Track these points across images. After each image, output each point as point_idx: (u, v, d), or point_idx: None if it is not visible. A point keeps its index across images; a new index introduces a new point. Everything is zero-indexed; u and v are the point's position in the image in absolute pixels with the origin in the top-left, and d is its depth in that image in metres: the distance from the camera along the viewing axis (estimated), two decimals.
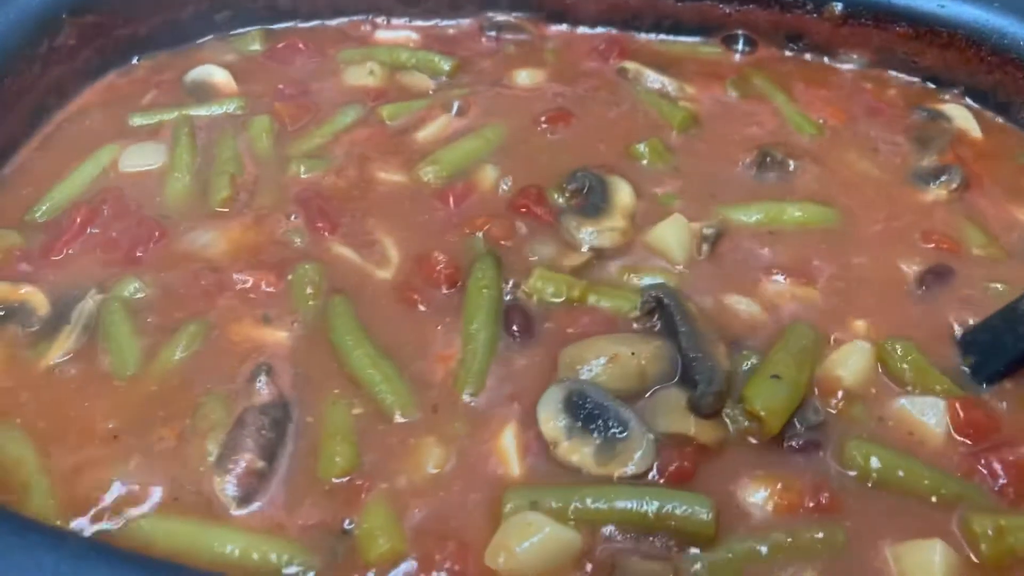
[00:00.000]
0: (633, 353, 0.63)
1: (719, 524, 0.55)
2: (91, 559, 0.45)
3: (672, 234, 0.76)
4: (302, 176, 0.82)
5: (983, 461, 0.59)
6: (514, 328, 0.67)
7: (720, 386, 0.60)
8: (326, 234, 0.76)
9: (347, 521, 0.55)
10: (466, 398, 0.63)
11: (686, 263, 0.75)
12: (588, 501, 0.55)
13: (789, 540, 0.55)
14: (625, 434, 0.58)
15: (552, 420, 0.59)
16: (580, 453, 0.58)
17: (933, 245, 0.77)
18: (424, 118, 0.90)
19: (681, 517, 0.54)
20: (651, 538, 0.54)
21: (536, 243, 0.76)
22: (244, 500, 0.56)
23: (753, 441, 0.60)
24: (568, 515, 0.55)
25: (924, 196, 0.83)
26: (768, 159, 0.85)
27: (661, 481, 0.58)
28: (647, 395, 0.62)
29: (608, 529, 0.55)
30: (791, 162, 0.85)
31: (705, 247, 0.76)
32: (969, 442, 0.61)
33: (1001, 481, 0.57)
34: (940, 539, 0.54)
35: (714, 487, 0.57)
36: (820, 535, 0.55)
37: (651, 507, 0.54)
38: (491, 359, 0.65)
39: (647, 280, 0.72)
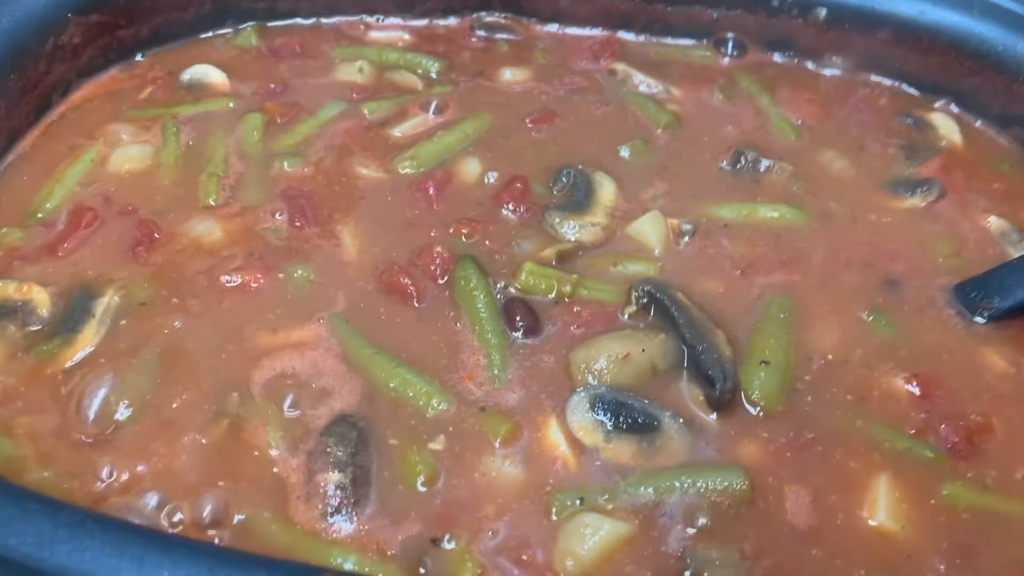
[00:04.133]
0: (643, 350, 0.66)
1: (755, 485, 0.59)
2: (88, 526, 0.47)
3: (651, 229, 0.79)
4: (286, 170, 0.84)
5: (936, 425, 0.65)
6: (518, 323, 0.69)
7: (734, 380, 0.64)
8: (307, 229, 0.78)
9: (447, 537, 0.56)
10: (504, 403, 0.64)
11: (664, 256, 0.77)
12: (632, 490, 0.59)
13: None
14: (659, 426, 0.62)
15: (587, 429, 0.62)
16: (626, 453, 0.61)
17: (899, 254, 0.79)
18: (404, 114, 0.93)
19: (720, 490, 0.59)
20: (700, 516, 0.58)
21: (520, 237, 0.78)
22: (337, 513, 0.57)
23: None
24: (616, 506, 0.58)
25: (899, 204, 0.85)
26: (743, 158, 0.88)
27: None
28: (661, 387, 0.66)
29: (660, 514, 0.58)
30: (764, 161, 0.88)
31: (684, 241, 0.79)
32: (927, 409, 0.66)
33: (952, 440, 0.64)
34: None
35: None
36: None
37: (691, 485, 0.59)
38: (509, 359, 0.67)
39: (630, 269, 0.75)
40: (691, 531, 0.57)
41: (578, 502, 0.58)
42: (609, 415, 0.62)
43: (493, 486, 0.59)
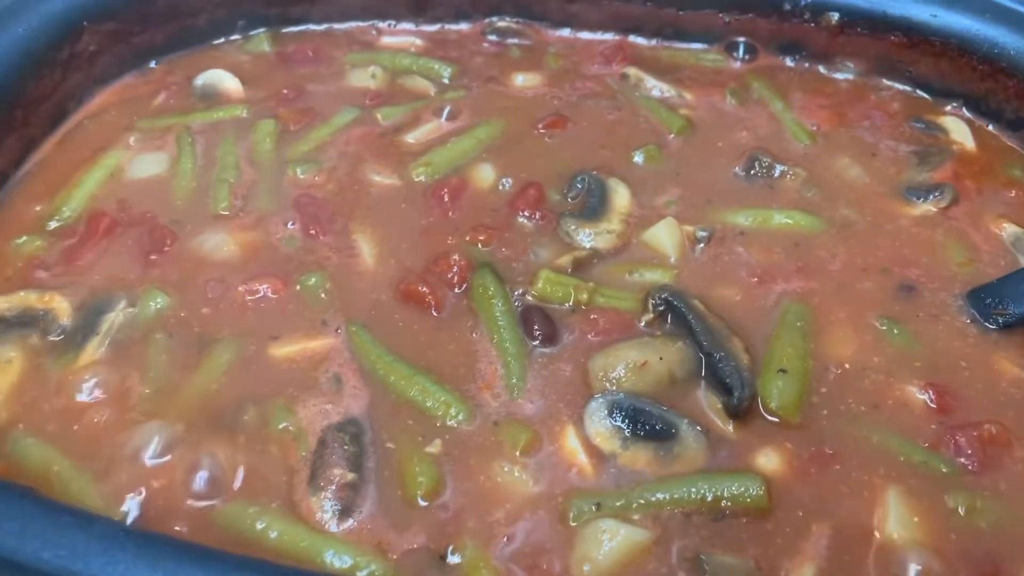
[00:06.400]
0: (661, 358, 0.66)
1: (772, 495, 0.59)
2: (120, 539, 0.47)
3: (666, 236, 0.79)
4: (300, 177, 0.85)
5: (950, 436, 0.64)
6: (536, 331, 0.69)
7: (752, 389, 0.64)
8: (321, 238, 0.78)
9: (450, 549, 0.56)
10: (522, 411, 0.64)
11: (680, 263, 0.78)
12: (648, 495, 0.59)
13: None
14: (677, 433, 0.62)
15: (604, 435, 0.62)
16: (642, 460, 0.61)
17: (912, 261, 0.79)
18: (417, 120, 0.93)
19: (735, 496, 0.59)
20: (719, 521, 0.58)
21: (535, 245, 0.78)
22: (344, 513, 0.57)
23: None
24: (633, 512, 0.58)
25: (912, 210, 0.85)
26: (756, 163, 0.88)
27: None
28: (679, 395, 0.66)
29: (677, 521, 0.58)
30: (778, 167, 0.88)
31: (699, 247, 0.79)
32: (939, 416, 0.66)
33: (967, 452, 0.63)
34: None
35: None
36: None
37: (707, 491, 0.59)
38: (527, 368, 0.67)
39: (646, 277, 0.75)
40: (708, 537, 0.58)
41: (594, 508, 0.58)
42: (627, 421, 0.63)
43: (510, 493, 0.60)
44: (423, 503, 0.59)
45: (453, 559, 0.56)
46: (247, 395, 0.65)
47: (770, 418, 0.65)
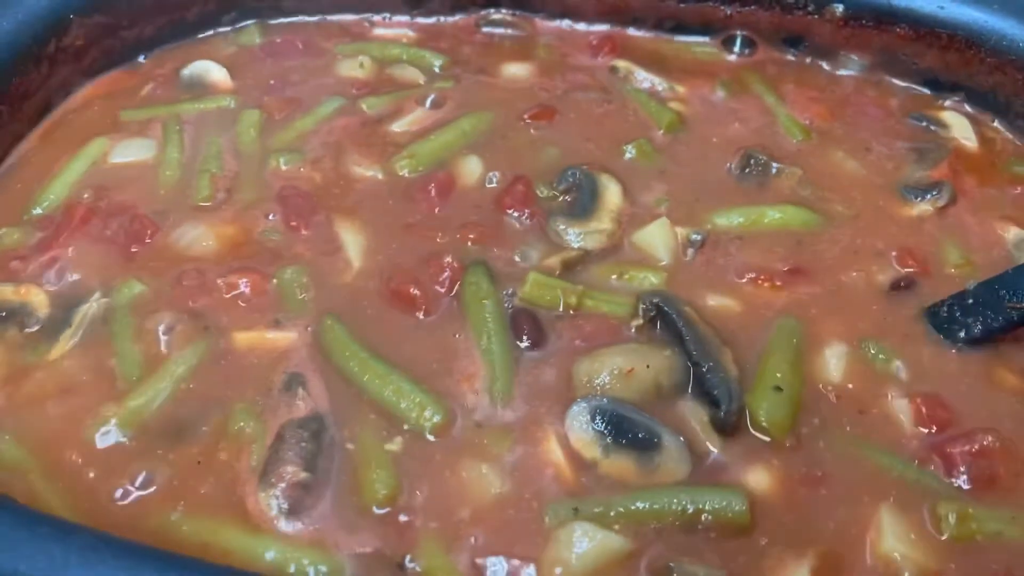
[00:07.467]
0: (648, 366, 0.64)
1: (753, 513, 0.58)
2: (100, 550, 0.46)
3: (659, 238, 0.77)
4: (282, 168, 0.83)
5: (942, 451, 0.63)
6: (524, 335, 0.68)
7: (740, 402, 0.62)
8: (303, 232, 0.77)
9: (408, 558, 0.55)
10: (503, 413, 0.63)
11: (672, 266, 0.76)
12: (628, 504, 0.58)
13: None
14: (659, 443, 0.61)
15: (586, 440, 0.61)
16: (623, 468, 0.60)
17: (908, 263, 0.77)
18: (402, 109, 0.91)
19: (717, 510, 0.57)
20: (693, 534, 0.57)
21: (524, 244, 0.77)
22: (291, 513, 0.56)
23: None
24: (611, 520, 0.57)
25: (909, 209, 0.83)
26: (752, 161, 0.86)
27: None
28: (665, 405, 0.64)
29: (653, 531, 0.57)
30: (774, 165, 0.85)
31: (691, 251, 0.77)
32: (932, 431, 0.65)
33: (959, 469, 0.62)
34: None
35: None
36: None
37: (688, 503, 0.58)
38: (514, 372, 0.65)
39: (636, 280, 0.73)
40: (684, 550, 0.56)
41: (572, 512, 0.57)
42: (609, 427, 0.61)
43: (484, 496, 0.58)
44: (379, 511, 0.57)
45: (411, 566, 0.55)
46: (214, 392, 0.63)
47: (758, 435, 0.63)
